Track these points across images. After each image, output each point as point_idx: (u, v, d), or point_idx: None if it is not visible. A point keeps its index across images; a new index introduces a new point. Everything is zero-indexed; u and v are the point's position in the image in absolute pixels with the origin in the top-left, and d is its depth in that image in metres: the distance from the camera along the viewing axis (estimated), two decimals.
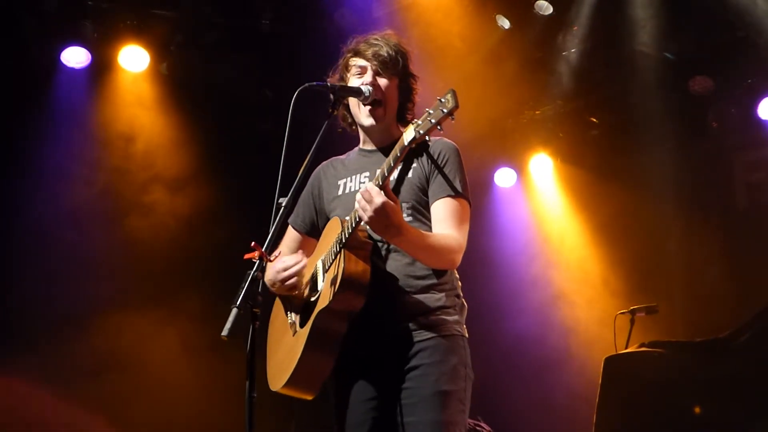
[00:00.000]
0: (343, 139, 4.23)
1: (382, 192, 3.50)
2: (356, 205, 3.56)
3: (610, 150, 9.25)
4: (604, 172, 9.24)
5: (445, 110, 3.33)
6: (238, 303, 3.32)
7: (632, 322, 7.60)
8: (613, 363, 6.97)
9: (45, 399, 7.77)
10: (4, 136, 8.01)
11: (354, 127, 4.16)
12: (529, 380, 9.15)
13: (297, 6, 8.08)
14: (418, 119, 3.45)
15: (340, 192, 4.07)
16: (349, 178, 4.07)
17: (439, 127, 3.38)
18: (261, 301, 3.39)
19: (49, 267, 8.10)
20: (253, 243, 3.51)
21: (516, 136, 9.48)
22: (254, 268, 3.42)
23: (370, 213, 3.49)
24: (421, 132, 3.41)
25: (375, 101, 3.95)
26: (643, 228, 9.10)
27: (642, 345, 7.00)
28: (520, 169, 9.73)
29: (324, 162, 4.25)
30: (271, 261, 3.53)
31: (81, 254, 8.20)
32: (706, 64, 8.24)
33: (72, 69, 8.11)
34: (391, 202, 3.50)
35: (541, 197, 9.78)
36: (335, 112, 3.91)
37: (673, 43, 8.15)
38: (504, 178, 9.73)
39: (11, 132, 8.04)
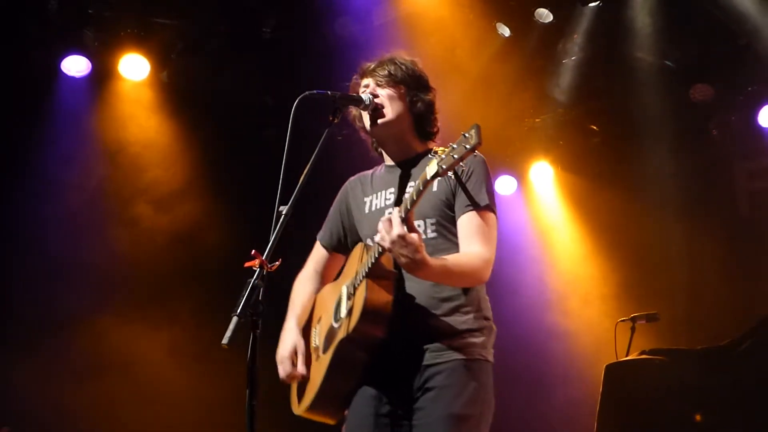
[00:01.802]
0: (343, 147, 4.23)
1: (403, 224, 3.46)
2: (377, 236, 3.54)
3: (611, 158, 9.24)
4: (605, 180, 9.23)
5: (468, 146, 3.29)
6: (238, 311, 3.31)
7: (633, 329, 7.59)
8: (614, 370, 6.95)
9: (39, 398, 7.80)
10: (4, 144, 8.02)
11: (379, 150, 4.15)
12: (529, 387, 9.13)
13: (298, 14, 8.07)
14: (442, 153, 3.40)
15: (366, 210, 4.06)
16: (375, 195, 4.06)
17: (462, 163, 3.36)
18: (262, 309, 3.38)
19: (47, 271, 8.12)
20: (253, 251, 3.50)
21: (516, 144, 9.48)
22: (254, 277, 3.41)
23: (388, 245, 3.47)
24: (444, 167, 3.37)
25: (376, 108, 3.95)
26: (644, 236, 9.09)
27: (643, 352, 6.99)
28: (520, 176, 9.73)
29: (352, 177, 4.26)
30: (271, 270, 3.52)
31: (78, 260, 8.22)
32: (706, 72, 8.24)
33: (72, 77, 8.12)
34: (412, 236, 3.45)
35: (542, 205, 9.78)
36: (336, 120, 3.89)
37: (673, 51, 8.16)
38: (504, 185, 9.72)
39: (11, 139, 8.06)
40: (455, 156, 3.34)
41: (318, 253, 4.27)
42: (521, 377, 9.14)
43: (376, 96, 3.96)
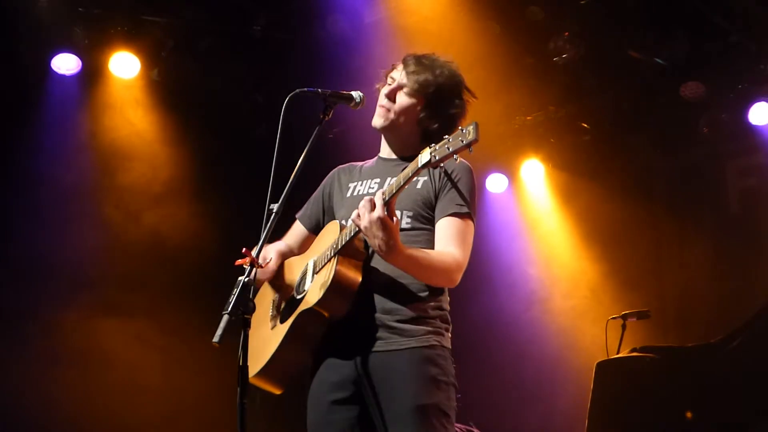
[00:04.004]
0: (335, 145, 4.23)
1: (384, 207, 3.49)
2: (353, 213, 3.55)
3: (602, 155, 9.26)
4: (596, 178, 9.25)
5: (464, 141, 3.29)
6: (229, 309, 3.31)
7: (624, 327, 7.59)
8: (605, 368, 6.97)
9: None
10: None
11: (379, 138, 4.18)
12: (519, 386, 9.16)
13: (289, 12, 8.06)
14: (436, 144, 3.42)
15: (348, 194, 4.09)
16: (360, 182, 4.09)
17: (455, 157, 3.35)
18: (252, 307, 3.38)
19: (29, 266, 8.10)
20: (244, 249, 3.50)
21: (507, 142, 9.48)
22: (245, 275, 3.41)
23: (365, 223, 3.50)
24: (437, 158, 3.38)
25: (384, 110, 3.99)
26: (634, 233, 9.11)
27: (633, 350, 7.00)
28: (511, 174, 9.73)
29: (342, 165, 4.28)
30: (262, 267, 3.52)
31: (64, 256, 8.21)
32: (697, 69, 8.25)
33: (62, 76, 8.09)
34: (389, 220, 3.49)
35: (533, 203, 9.79)
36: (326, 118, 3.90)
37: (664, 49, 8.16)
38: (495, 183, 9.73)
39: (1, 138, 8.03)
40: (450, 149, 3.34)
41: (295, 232, 4.28)
42: (511, 375, 9.17)
43: (392, 99, 3.97)
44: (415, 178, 3.66)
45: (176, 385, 8.39)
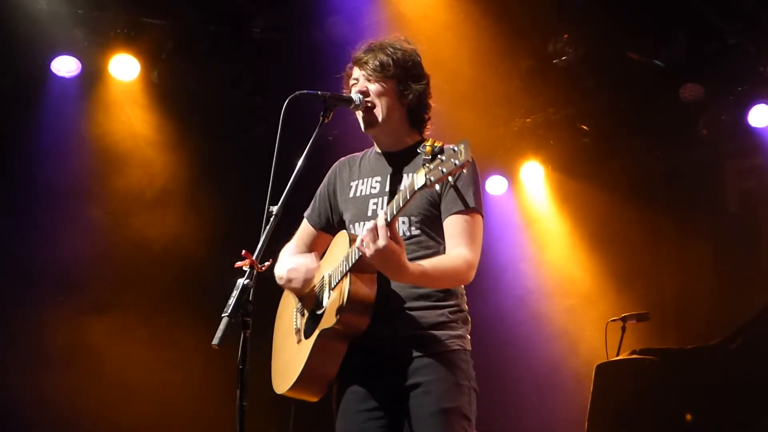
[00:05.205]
0: (335, 146, 4.22)
1: (387, 233, 3.47)
2: (357, 241, 3.55)
3: (601, 157, 9.26)
4: (595, 180, 9.24)
5: (457, 162, 3.28)
6: (229, 312, 3.31)
7: (623, 329, 7.59)
8: (605, 370, 6.96)
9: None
10: None
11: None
12: (520, 388, 9.16)
13: (288, 13, 8.07)
14: (429, 164, 3.38)
15: (351, 194, 4.08)
16: (361, 181, 4.08)
17: (450, 178, 3.34)
18: (252, 310, 3.37)
19: (23, 266, 8.12)
20: (243, 251, 3.49)
21: (507, 144, 9.48)
22: (245, 277, 3.41)
23: (371, 252, 3.48)
24: (432, 180, 3.35)
25: (366, 107, 3.95)
26: (634, 235, 9.10)
27: (633, 352, 7.00)
28: (511, 176, 9.73)
29: (342, 159, 4.27)
30: (261, 270, 3.52)
31: (59, 256, 8.21)
32: (696, 71, 8.25)
33: (62, 78, 8.09)
34: (394, 245, 3.48)
35: (533, 205, 9.79)
36: (326, 120, 3.89)
37: (663, 51, 8.16)
38: (495, 185, 9.72)
39: (0, 141, 8.03)
40: (443, 170, 3.32)
41: (305, 231, 4.28)
42: (511, 377, 9.17)
43: (366, 95, 3.95)
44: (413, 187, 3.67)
45: (165, 385, 8.40)
